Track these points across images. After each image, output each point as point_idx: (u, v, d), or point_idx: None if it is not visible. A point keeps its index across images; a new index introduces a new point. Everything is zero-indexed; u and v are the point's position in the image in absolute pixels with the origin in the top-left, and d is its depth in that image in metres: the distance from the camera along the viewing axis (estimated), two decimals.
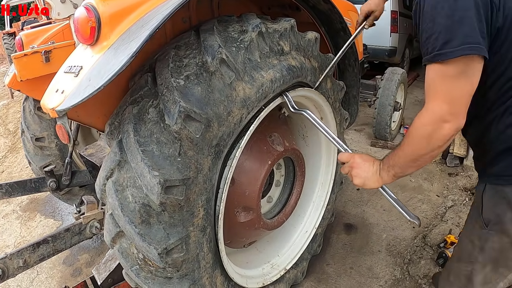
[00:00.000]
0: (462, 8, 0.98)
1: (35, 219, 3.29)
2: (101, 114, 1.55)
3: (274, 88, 1.48)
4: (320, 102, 1.85)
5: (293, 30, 1.62)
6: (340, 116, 2.10)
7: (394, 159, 1.20)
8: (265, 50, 1.47)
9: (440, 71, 1.03)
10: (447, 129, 1.04)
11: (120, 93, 1.48)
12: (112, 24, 1.21)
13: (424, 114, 1.07)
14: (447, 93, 1.02)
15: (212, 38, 1.33)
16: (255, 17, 1.50)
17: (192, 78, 1.25)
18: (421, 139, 1.09)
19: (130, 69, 1.50)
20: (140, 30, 1.10)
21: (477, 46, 0.98)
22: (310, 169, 2.14)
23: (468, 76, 1.01)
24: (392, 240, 2.69)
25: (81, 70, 1.24)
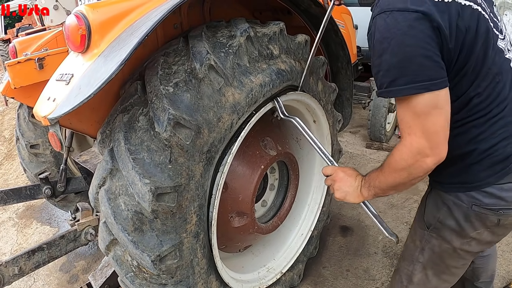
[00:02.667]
0: (409, 45, 0.97)
1: (31, 226, 3.28)
2: (94, 121, 1.55)
3: (264, 92, 1.49)
4: (312, 105, 1.86)
5: (282, 34, 1.62)
6: (333, 118, 2.11)
7: (375, 181, 1.21)
8: (254, 55, 1.47)
9: (408, 107, 1.02)
10: (428, 163, 1.04)
11: (112, 100, 1.49)
12: (102, 31, 1.21)
13: (403, 149, 1.07)
14: (421, 128, 1.02)
15: (201, 44, 1.34)
16: (243, 21, 1.51)
17: (181, 85, 1.26)
18: (401, 171, 1.09)
19: (122, 76, 1.51)
20: (130, 38, 1.10)
21: (426, 83, 0.98)
22: (305, 172, 2.15)
23: (438, 108, 1.01)
24: (388, 242, 2.69)
25: (72, 78, 1.24)
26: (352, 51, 3.08)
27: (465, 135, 1.13)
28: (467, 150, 1.14)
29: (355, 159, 3.77)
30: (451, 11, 1.00)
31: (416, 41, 0.97)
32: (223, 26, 1.48)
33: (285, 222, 2.12)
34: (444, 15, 0.98)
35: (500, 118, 1.11)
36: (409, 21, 0.97)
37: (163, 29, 1.59)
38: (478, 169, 1.14)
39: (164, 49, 1.38)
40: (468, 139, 1.13)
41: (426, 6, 0.98)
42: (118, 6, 1.27)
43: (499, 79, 1.10)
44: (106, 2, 1.29)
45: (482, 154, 1.13)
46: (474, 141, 1.13)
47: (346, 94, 2.39)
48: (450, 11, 0.99)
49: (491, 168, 1.13)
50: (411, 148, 1.04)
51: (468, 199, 1.17)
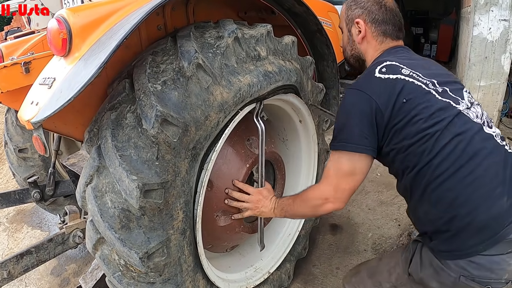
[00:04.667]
0: (349, 116, 1.28)
1: (22, 231, 3.28)
2: (78, 124, 1.57)
3: (251, 92, 1.51)
4: (297, 104, 1.89)
5: (269, 35, 1.64)
6: (319, 118, 2.14)
7: (288, 207, 1.53)
8: (241, 56, 1.49)
9: (335, 162, 1.31)
10: (329, 207, 1.34)
11: (96, 102, 1.50)
12: (83, 35, 1.23)
13: (316, 191, 1.40)
14: (336, 183, 1.31)
15: (189, 43, 1.36)
16: (231, 22, 1.53)
17: (169, 83, 1.28)
18: (308, 207, 1.42)
19: (106, 78, 1.52)
20: (109, 41, 1.12)
21: (351, 144, 1.25)
22: (291, 172, 2.17)
23: (355, 175, 1.28)
24: (378, 239, 2.73)
25: (54, 81, 1.26)
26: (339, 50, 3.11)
27: (443, 201, 1.16)
28: (449, 217, 1.15)
29: None
30: (393, 87, 1.23)
31: (353, 114, 1.27)
32: (211, 27, 1.50)
33: (272, 222, 2.14)
34: (382, 91, 1.24)
35: (475, 178, 1.12)
36: (355, 98, 1.29)
37: (147, 30, 1.61)
38: (464, 236, 1.14)
39: (152, 48, 1.40)
40: (447, 205, 1.15)
41: (369, 85, 1.27)
42: (99, 10, 1.28)
43: (461, 138, 1.16)
44: (87, 6, 1.31)
45: (463, 220, 1.13)
46: (453, 206, 1.14)
47: (333, 92, 2.43)
48: (392, 87, 1.24)
49: (478, 236, 1.12)
50: (323, 193, 1.35)
51: (456, 269, 1.16)
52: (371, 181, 3.37)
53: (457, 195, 1.14)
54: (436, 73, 1.32)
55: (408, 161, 1.23)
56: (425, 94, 1.22)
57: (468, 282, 1.16)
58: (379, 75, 1.27)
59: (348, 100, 1.31)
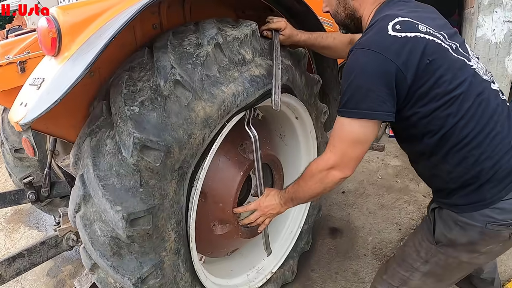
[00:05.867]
0: (364, 79, 1.15)
1: (19, 231, 3.23)
2: (71, 125, 1.51)
3: (237, 102, 1.41)
4: (292, 103, 1.80)
5: (254, 35, 1.54)
6: (317, 111, 2.04)
7: (294, 194, 1.45)
8: (224, 63, 1.38)
9: (344, 131, 1.22)
10: (337, 175, 1.26)
11: (89, 103, 1.45)
12: (73, 34, 1.18)
13: (320, 161, 1.31)
14: (342, 152, 1.23)
15: (165, 57, 1.27)
16: (212, 26, 1.43)
17: (146, 103, 1.20)
18: (315, 183, 1.33)
19: (99, 78, 1.47)
20: (98, 40, 1.07)
21: (364, 111, 1.15)
22: (290, 169, 2.10)
23: (364, 143, 1.22)
24: (378, 243, 2.67)
25: (43, 82, 1.21)
26: None
27: (469, 159, 1.19)
28: (475, 173, 1.19)
29: None
30: (414, 46, 1.13)
31: (367, 76, 1.14)
32: (191, 32, 1.40)
33: (273, 222, 2.08)
34: (402, 51, 1.12)
35: (496, 133, 1.18)
36: (368, 58, 1.15)
37: (142, 29, 1.55)
38: (488, 186, 1.19)
39: (129, 62, 1.32)
40: (473, 162, 1.18)
41: (384, 45, 1.14)
42: (90, 8, 1.23)
43: (481, 99, 1.17)
44: (77, 4, 1.25)
45: (489, 172, 1.18)
46: (478, 162, 1.18)
47: (333, 93, 2.36)
48: (413, 46, 1.13)
49: (501, 184, 1.18)
50: (327, 162, 1.26)
51: (482, 218, 1.20)
52: (371, 184, 3.31)
53: (483, 151, 1.17)
54: (440, 24, 1.26)
55: (432, 125, 1.18)
56: (445, 52, 1.16)
57: (494, 228, 1.20)
58: (394, 33, 1.14)
59: (360, 60, 1.17)
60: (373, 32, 1.20)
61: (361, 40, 1.22)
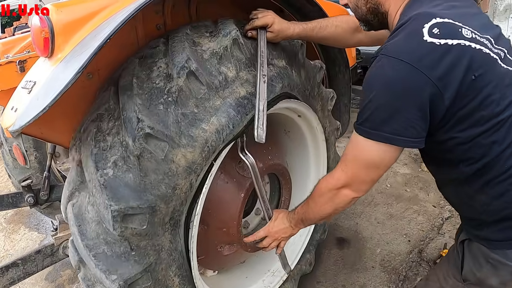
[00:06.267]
0: (391, 97, 0.94)
1: (19, 232, 3.14)
2: (68, 130, 1.39)
3: (223, 137, 1.20)
4: (292, 106, 1.63)
5: (236, 44, 1.28)
6: (322, 101, 1.86)
7: (304, 215, 1.30)
8: (201, 93, 1.15)
9: (357, 148, 1.05)
10: (348, 196, 1.10)
11: (87, 107, 1.33)
12: (67, 34, 1.06)
13: (330, 180, 1.14)
14: (355, 173, 1.07)
15: (131, 104, 1.08)
16: (183, 45, 1.18)
17: (120, 164, 1.06)
18: (325, 202, 1.17)
19: (98, 81, 1.35)
20: (93, 41, 0.95)
21: (388, 135, 0.96)
22: (299, 165, 1.96)
23: (381, 168, 1.04)
24: (386, 255, 2.54)
25: (34, 86, 1.09)
26: (351, 54, 2.91)
27: (510, 192, 1.00)
28: None
29: None
30: (457, 58, 0.91)
31: (395, 93, 0.94)
32: (161, 54, 1.19)
33: None
34: (440, 64, 0.90)
35: None
36: (397, 72, 0.93)
37: (145, 29, 1.43)
38: None
39: (97, 107, 1.18)
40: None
41: (418, 55, 0.91)
42: (86, 6, 1.11)
43: None
44: (73, 2, 1.13)
45: None
46: None
47: (344, 99, 2.24)
48: (456, 58, 0.91)
49: None
50: (338, 181, 1.11)
51: None
52: (380, 192, 3.17)
53: None
54: (485, 23, 1.03)
55: (472, 153, 0.99)
56: (493, 64, 0.95)
57: None
58: (431, 39, 0.90)
59: (387, 72, 0.94)
60: (404, 36, 0.96)
61: (388, 44, 0.98)
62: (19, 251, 2.93)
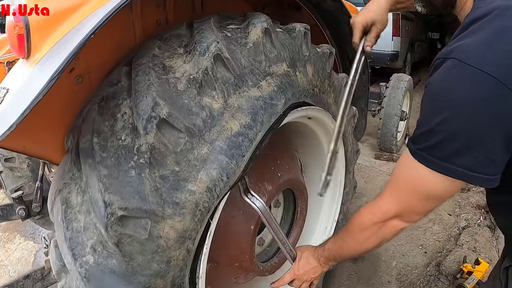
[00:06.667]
0: (465, 119, 0.72)
1: (14, 241, 2.94)
2: (55, 144, 1.18)
3: (217, 193, 0.95)
4: (316, 114, 1.42)
5: (219, 60, 0.95)
6: (334, 91, 1.58)
7: (337, 252, 1.13)
8: (180, 143, 0.88)
9: (416, 181, 0.86)
10: (398, 227, 0.95)
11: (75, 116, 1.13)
12: (44, 30, 0.85)
13: (377, 213, 0.97)
14: (410, 204, 0.91)
15: (94, 176, 0.86)
16: (149, 80, 0.90)
17: (99, 249, 0.87)
18: (368, 237, 1.01)
19: (89, 85, 1.12)
20: (75, 37, 0.74)
21: (466, 172, 0.76)
22: (313, 171, 1.75)
23: (439, 199, 0.89)
24: (402, 269, 2.34)
25: (6, 94, 0.88)
26: None
27: None
28: None
29: (364, 171, 3.40)
30: None
31: (470, 118, 0.72)
32: (124, 93, 0.93)
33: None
34: None
35: None
36: (481, 88, 0.70)
37: (143, 25, 1.22)
38: None
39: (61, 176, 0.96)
40: None
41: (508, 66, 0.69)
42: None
43: None
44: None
45: None
46: None
47: (361, 103, 2.03)
48: None
49: None
50: (387, 213, 0.94)
51: None
52: None
53: None
54: None
55: None
56: None
57: None
58: None
59: (467, 89, 0.71)
60: (487, 37, 0.72)
61: (463, 44, 0.74)
62: (14, 261, 2.73)
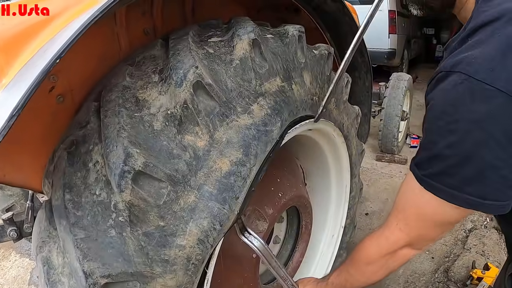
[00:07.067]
0: (476, 142, 0.63)
1: (10, 258, 2.81)
2: (36, 170, 1.08)
3: (211, 242, 0.84)
4: (317, 126, 1.29)
5: (201, 88, 0.81)
6: (349, 120, 1.51)
7: (343, 286, 1.05)
8: (163, 195, 0.77)
9: (425, 210, 0.77)
10: (408, 255, 0.89)
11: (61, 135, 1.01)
12: (10, 51, 0.73)
13: (384, 245, 0.89)
14: (421, 233, 0.83)
15: (69, 240, 0.77)
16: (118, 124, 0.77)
17: None
18: (376, 270, 0.94)
19: (72, 103, 1.04)
20: (43, 58, 0.62)
21: (473, 199, 0.67)
22: (317, 180, 1.66)
23: (450, 225, 0.82)
24: (410, 276, 2.24)
25: None
26: None
27: None
28: None
29: (365, 173, 3.29)
30: None
31: (489, 139, 0.62)
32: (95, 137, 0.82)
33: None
34: None
35: None
36: (491, 106, 0.60)
37: (129, 35, 1.12)
38: None
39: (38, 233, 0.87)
40: None
41: None
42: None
43: None
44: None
45: None
46: None
47: (364, 109, 1.91)
48: None
49: None
50: (396, 243, 0.87)
51: None
52: None
53: None
54: None
55: None
56: None
57: None
58: None
59: (476, 108, 0.61)
60: (494, 46, 0.61)
61: (467, 56, 0.63)
62: (10, 280, 2.62)
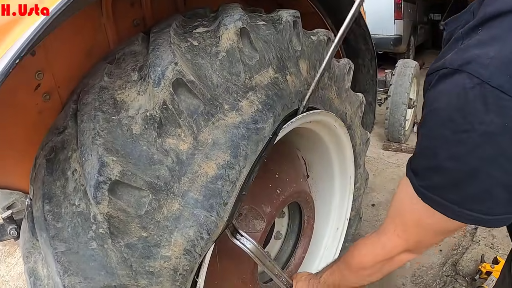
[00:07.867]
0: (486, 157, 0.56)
1: (15, 255, 2.80)
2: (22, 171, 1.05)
3: (199, 252, 0.78)
4: (316, 117, 1.20)
5: (183, 86, 0.74)
6: (352, 108, 1.41)
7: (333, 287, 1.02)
8: (144, 203, 0.71)
9: (424, 221, 0.73)
10: (404, 259, 0.85)
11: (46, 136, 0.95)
12: None
13: (380, 252, 0.85)
14: (419, 240, 0.79)
15: (50, 254, 0.73)
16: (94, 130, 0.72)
17: None
18: (371, 274, 0.91)
19: (59, 101, 0.99)
20: None
21: (478, 215, 0.61)
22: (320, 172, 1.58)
23: (450, 232, 0.77)
24: (417, 269, 2.17)
25: None
26: None
27: None
28: None
29: (372, 163, 3.19)
30: None
31: (500, 155, 0.55)
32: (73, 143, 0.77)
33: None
34: None
35: None
36: (507, 119, 0.52)
37: (117, 27, 1.05)
38: None
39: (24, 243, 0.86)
40: None
41: None
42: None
43: None
44: None
45: None
46: None
47: (368, 98, 1.81)
48: None
49: None
50: (394, 249, 0.83)
51: None
52: None
53: None
54: None
55: None
56: None
57: None
58: None
59: (484, 117, 0.54)
60: (504, 45, 0.52)
61: (479, 54, 0.54)
62: (15, 277, 2.61)
